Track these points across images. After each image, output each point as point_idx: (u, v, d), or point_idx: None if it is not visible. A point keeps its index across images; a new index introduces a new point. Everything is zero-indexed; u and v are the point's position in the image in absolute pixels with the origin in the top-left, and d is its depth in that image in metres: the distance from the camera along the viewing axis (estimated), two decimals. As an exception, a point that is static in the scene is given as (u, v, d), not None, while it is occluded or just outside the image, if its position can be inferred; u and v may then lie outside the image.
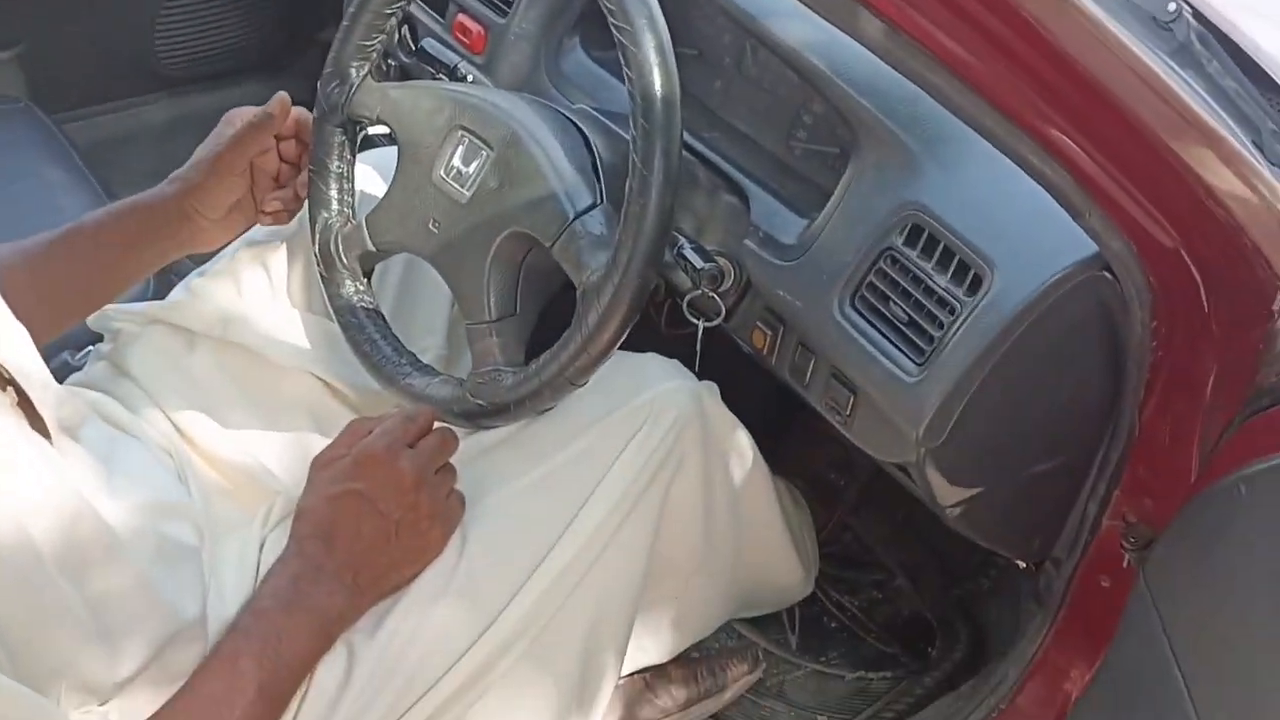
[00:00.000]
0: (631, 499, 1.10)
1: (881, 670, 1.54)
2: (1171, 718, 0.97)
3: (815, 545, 1.51)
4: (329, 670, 0.97)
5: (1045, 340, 1.01)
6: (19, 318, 1.02)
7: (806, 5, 0.77)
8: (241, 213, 1.19)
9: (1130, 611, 1.08)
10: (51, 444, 0.90)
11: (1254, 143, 1.22)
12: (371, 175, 1.27)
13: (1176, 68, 1.23)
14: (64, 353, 1.38)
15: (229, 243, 1.22)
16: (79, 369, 1.24)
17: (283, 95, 1.18)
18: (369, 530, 1.00)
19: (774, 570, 1.38)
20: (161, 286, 1.51)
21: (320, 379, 1.19)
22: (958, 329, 1.00)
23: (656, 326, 1.35)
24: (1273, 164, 1.21)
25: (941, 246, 1.02)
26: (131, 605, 0.89)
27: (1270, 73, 1.21)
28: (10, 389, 0.89)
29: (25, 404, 0.90)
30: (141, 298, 1.39)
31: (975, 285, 1.00)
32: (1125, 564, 1.18)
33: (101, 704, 0.89)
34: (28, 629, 0.81)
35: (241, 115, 1.18)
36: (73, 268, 1.15)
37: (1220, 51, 1.24)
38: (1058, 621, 1.30)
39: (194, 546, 1.01)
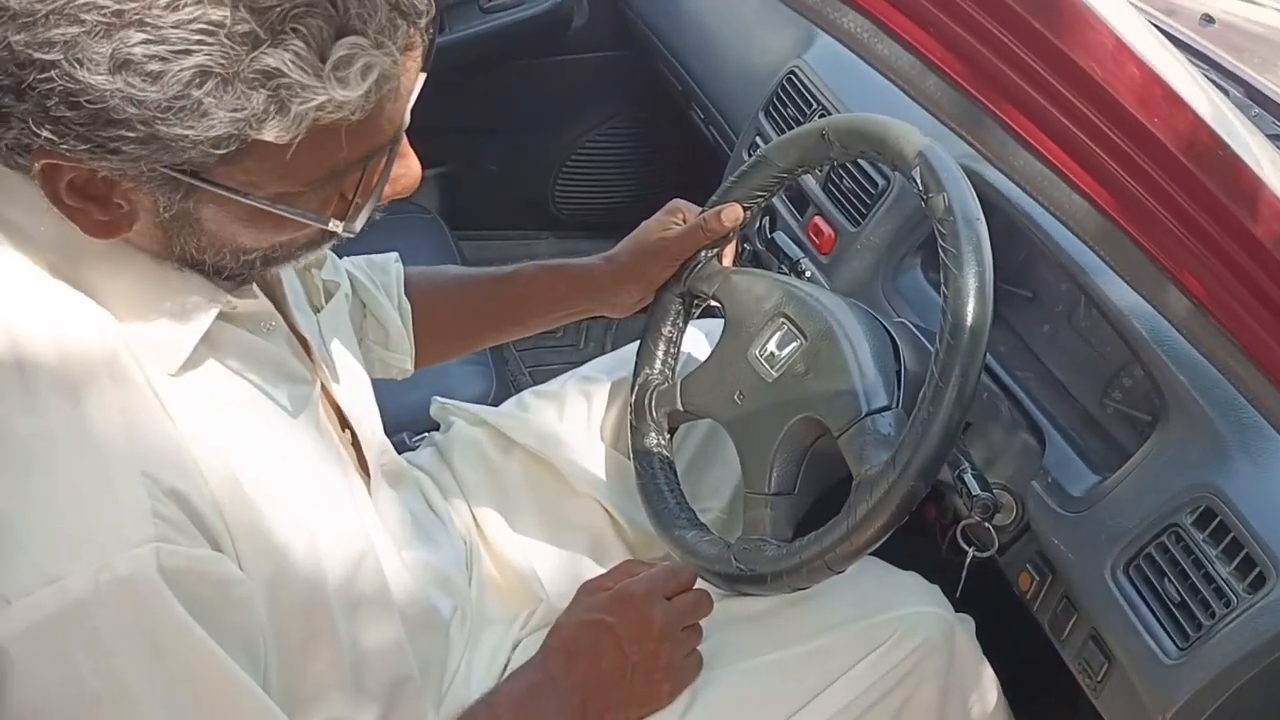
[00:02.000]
0: (858, 710, 1.11)
1: None
2: None
3: None
4: None
5: (1324, 659, 0.95)
6: (429, 331, 1.21)
7: (1116, 273, 0.79)
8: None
9: None
10: (369, 490, 1.02)
11: None
12: (699, 340, 1.38)
13: None
14: (403, 433, 1.57)
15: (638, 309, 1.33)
16: (412, 450, 1.40)
17: (736, 211, 1.24)
18: (608, 663, 1.07)
19: None
20: (502, 389, 1.68)
21: (606, 510, 1.29)
22: (1230, 622, 0.96)
23: (936, 550, 1.37)
24: None
25: (1231, 536, 0.99)
26: (385, 657, 0.96)
27: None
28: (348, 431, 1.01)
29: (356, 448, 1.02)
30: (483, 400, 1.56)
31: (1258, 583, 0.96)
32: None
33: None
34: (297, 652, 0.86)
35: (686, 209, 1.29)
36: (505, 302, 1.31)
37: None
38: None
39: (454, 625, 1.11)
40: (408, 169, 0.82)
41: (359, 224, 0.80)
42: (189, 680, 0.75)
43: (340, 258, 1.19)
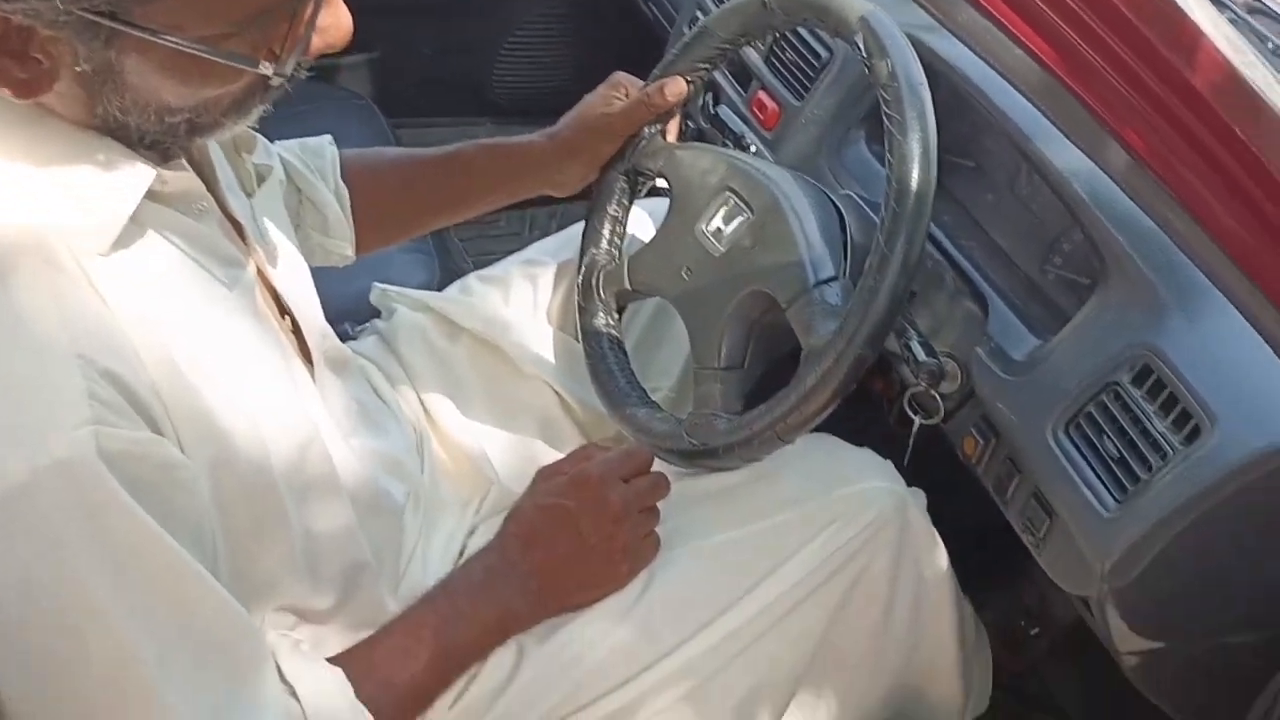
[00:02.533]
0: (810, 586, 1.13)
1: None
2: None
3: (988, 687, 1.48)
4: (498, 664, 1.05)
5: (1257, 508, 0.98)
6: (368, 215, 1.18)
7: (1057, 129, 0.80)
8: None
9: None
10: (313, 378, 1.00)
11: None
12: (644, 221, 1.37)
13: None
14: (345, 323, 1.55)
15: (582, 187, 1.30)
16: (355, 339, 1.39)
17: (680, 85, 1.22)
18: (565, 546, 1.08)
19: (934, 692, 1.36)
20: (446, 278, 1.67)
21: (556, 392, 1.29)
22: (1166, 475, 0.99)
23: (886, 422, 1.38)
24: None
25: (1167, 392, 1.01)
26: (338, 543, 0.96)
27: None
28: (287, 318, 0.99)
29: (298, 335, 1.01)
30: (426, 289, 1.55)
31: (1193, 436, 0.99)
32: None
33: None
34: (246, 538, 0.86)
35: (628, 83, 1.26)
36: (446, 183, 1.29)
37: None
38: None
39: (408, 510, 1.12)
40: (337, 19, 0.80)
41: (288, 68, 0.77)
42: (136, 564, 0.75)
43: (272, 143, 1.17)
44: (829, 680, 1.23)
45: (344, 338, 1.39)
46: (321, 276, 1.14)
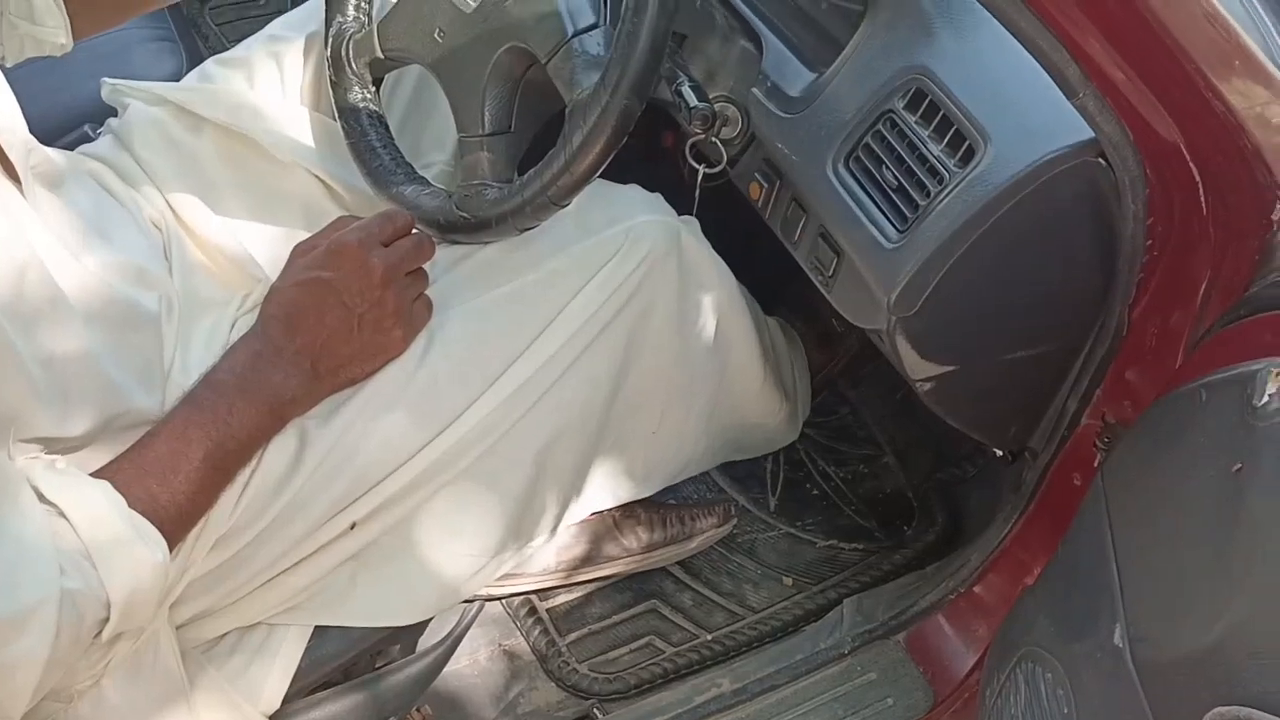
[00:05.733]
0: (596, 327, 1.11)
1: (854, 542, 1.56)
2: (1100, 609, 0.97)
3: (808, 389, 1.51)
4: (279, 452, 1.00)
5: (1032, 222, 0.99)
6: None
7: None
8: None
9: (1084, 507, 1.08)
10: (22, 194, 0.91)
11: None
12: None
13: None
14: (85, 125, 1.41)
15: None
16: (94, 141, 1.26)
17: None
18: (332, 319, 1.02)
19: (756, 410, 1.38)
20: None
21: (318, 177, 1.20)
22: (943, 199, 0.98)
23: (680, 177, 1.34)
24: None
25: (941, 115, 0.99)
26: (82, 366, 0.90)
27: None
28: None
29: None
30: (174, 78, 1.41)
31: (968, 157, 0.98)
32: (1096, 463, 1.18)
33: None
34: None
35: None
36: None
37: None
38: (1026, 514, 1.30)
39: (164, 318, 1.04)
40: None
41: None
42: None
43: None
44: (640, 429, 1.23)
45: (83, 141, 1.26)
46: (49, 77, 1.01)
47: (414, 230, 1.06)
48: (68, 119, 1.42)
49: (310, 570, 1.03)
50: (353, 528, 1.03)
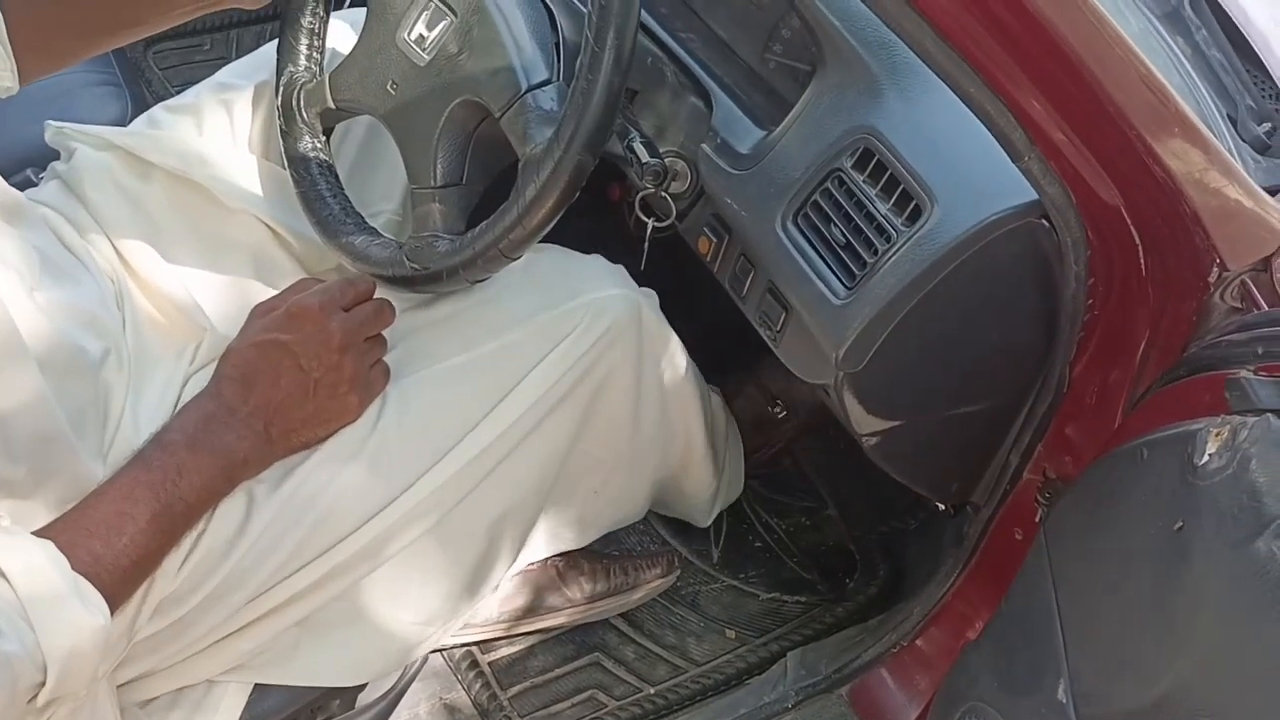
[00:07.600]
0: (554, 399, 1.11)
1: (797, 594, 1.57)
2: (1044, 665, 0.98)
3: (740, 468, 1.52)
4: (227, 515, 0.98)
5: (977, 281, 1.00)
6: (28, 36, 0.98)
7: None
8: None
9: (1028, 563, 1.09)
10: None
11: (1229, 116, 1.21)
12: (345, 33, 1.26)
13: (1163, 32, 1.21)
14: (28, 169, 1.39)
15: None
16: (37, 186, 1.24)
17: None
18: (287, 382, 1.01)
19: (689, 483, 1.40)
20: (143, 111, 1.50)
21: (267, 225, 1.19)
22: (890, 257, 0.99)
23: (627, 231, 1.35)
24: (1244, 140, 1.20)
25: (888, 174, 1.01)
26: (26, 410, 0.88)
27: (1257, 48, 1.20)
28: None
29: None
30: (119, 122, 1.39)
31: (915, 216, 0.99)
32: (1038, 518, 1.19)
33: (-8, 505, 0.89)
34: None
35: None
36: None
37: (1211, 20, 1.22)
38: (968, 568, 1.32)
39: (110, 368, 1.02)
40: None
41: None
42: None
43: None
44: (586, 488, 1.23)
45: (27, 186, 1.24)
46: (-1, 119, 1.00)
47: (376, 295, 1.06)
48: (9, 163, 1.40)
49: (256, 634, 1.02)
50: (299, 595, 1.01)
